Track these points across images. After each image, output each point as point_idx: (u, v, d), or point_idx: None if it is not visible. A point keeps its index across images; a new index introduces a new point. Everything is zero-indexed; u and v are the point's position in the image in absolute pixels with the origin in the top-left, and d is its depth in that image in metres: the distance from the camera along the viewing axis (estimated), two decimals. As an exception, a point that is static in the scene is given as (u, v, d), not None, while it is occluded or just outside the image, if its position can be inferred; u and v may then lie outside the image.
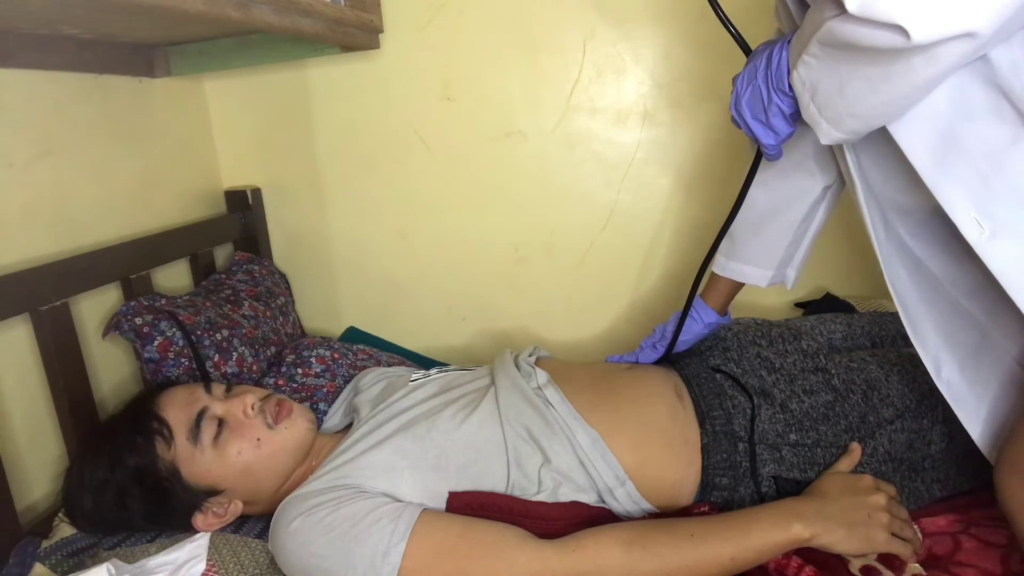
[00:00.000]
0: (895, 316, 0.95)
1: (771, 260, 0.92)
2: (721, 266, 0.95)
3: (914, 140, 0.58)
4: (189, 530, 0.82)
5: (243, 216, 1.37)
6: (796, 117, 0.65)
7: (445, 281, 1.42)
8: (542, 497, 0.79)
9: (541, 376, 0.90)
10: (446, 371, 0.99)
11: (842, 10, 0.49)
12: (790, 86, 0.62)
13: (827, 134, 0.61)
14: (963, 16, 0.45)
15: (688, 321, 0.95)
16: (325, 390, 1.08)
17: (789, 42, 0.62)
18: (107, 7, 0.80)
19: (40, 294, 0.88)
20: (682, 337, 0.95)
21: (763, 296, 1.35)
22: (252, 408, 0.85)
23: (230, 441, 0.82)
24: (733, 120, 0.69)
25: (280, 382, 1.09)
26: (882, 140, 0.62)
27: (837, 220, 1.24)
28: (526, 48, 1.26)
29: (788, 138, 0.68)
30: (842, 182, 0.86)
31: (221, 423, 0.82)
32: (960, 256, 0.68)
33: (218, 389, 0.87)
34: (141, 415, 0.82)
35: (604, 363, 1.00)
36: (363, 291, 1.45)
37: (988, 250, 0.56)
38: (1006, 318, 0.65)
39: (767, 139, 0.68)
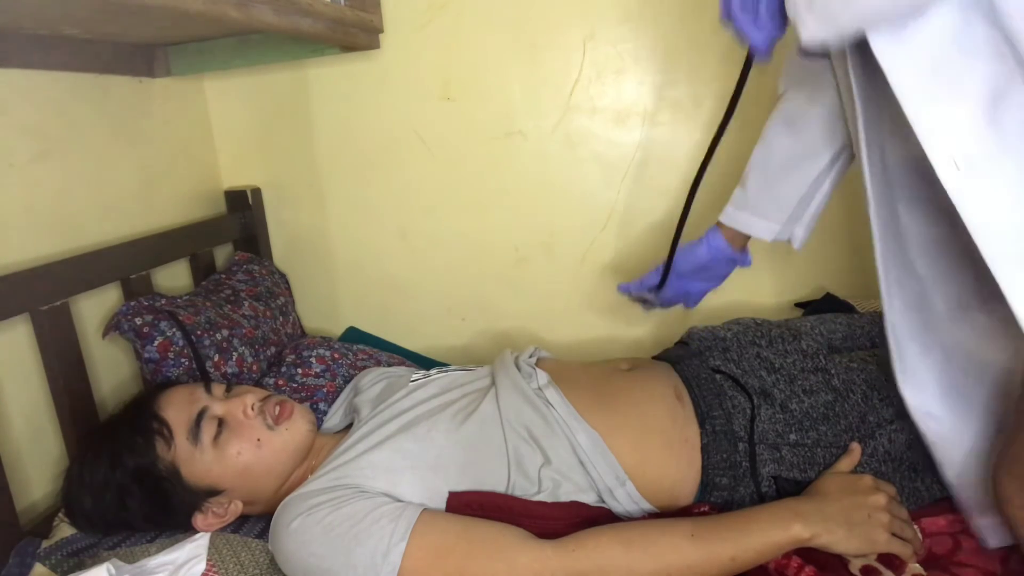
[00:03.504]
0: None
1: (780, 214, 0.90)
2: (729, 216, 0.92)
3: (904, 64, 0.56)
4: (189, 530, 0.82)
5: (243, 216, 1.36)
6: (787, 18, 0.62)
7: (445, 281, 1.41)
8: (542, 497, 0.79)
9: (541, 377, 0.90)
10: (446, 371, 0.99)
11: None
12: None
13: (810, 30, 0.57)
14: None
15: (692, 244, 0.91)
16: (325, 390, 1.08)
17: None
18: (107, 7, 0.80)
19: (40, 294, 0.88)
20: (683, 263, 0.92)
21: (763, 296, 1.35)
22: (252, 408, 0.85)
23: (230, 441, 0.82)
24: (721, 20, 0.67)
25: (280, 382, 1.09)
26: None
27: (837, 220, 1.24)
28: (526, 48, 1.26)
29: (780, 37, 0.65)
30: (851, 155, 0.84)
31: (221, 423, 0.82)
32: (932, 211, 0.68)
33: (218, 389, 0.87)
34: (141, 415, 0.82)
35: (604, 364, 0.99)
36: (363, 291, 1.45)
37: (959, 188, 0.55)
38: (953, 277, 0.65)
39: (757, 34, 0.65)
